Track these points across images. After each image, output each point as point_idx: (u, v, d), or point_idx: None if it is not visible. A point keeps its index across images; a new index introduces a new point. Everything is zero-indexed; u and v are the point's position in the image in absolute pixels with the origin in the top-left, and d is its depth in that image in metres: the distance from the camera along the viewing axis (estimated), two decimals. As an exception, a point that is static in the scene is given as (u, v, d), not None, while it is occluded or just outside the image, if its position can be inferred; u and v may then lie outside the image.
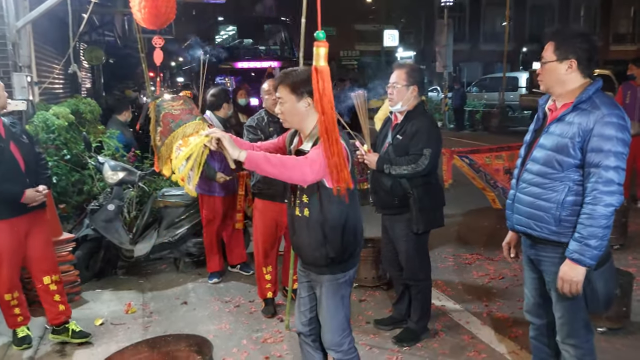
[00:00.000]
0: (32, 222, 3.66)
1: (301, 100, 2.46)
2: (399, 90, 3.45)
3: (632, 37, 35.51)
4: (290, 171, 2.30)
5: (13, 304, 3.69)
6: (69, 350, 3.75)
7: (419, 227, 3.47)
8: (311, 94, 2.42)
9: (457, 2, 27.53)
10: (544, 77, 2.47)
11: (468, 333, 3.78)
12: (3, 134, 3.53)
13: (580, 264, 2.32)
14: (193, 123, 2.33)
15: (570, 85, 2.41)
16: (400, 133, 3.46)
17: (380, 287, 4.59)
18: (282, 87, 2.49)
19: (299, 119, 2.52)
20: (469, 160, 5.56)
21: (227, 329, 3.99)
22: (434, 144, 3.40)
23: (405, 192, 3.44)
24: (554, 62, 2.40)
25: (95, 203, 4.95)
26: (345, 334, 2.66)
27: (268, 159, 2.27)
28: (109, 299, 4.61)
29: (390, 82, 3.50)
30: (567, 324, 2.51)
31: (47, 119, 5.06)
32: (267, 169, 2.26)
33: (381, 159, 3.46)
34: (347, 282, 2.64)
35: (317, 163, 2.31)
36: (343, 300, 2.64)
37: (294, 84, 2.46)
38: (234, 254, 5.12)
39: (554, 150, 2.39)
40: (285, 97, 2.49)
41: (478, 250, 5.50)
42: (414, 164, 3.35)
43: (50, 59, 7.47)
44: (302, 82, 2.45)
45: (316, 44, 1.96)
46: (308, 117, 2.51)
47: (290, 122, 2.55)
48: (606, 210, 2.27)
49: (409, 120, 3.44)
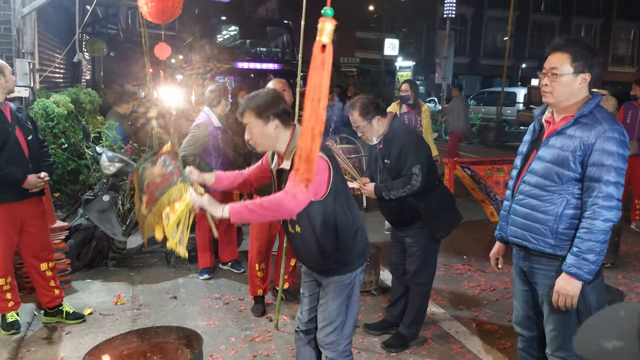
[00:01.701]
0: (30, 209, 3.67)
1: (268, 123, 2.45)
2: (365, 130, 3.49)
3: (631, 59, 35.95)
4: (274, 212, 2.32)
5: (5, 289, 3.69)
6: (57, 337, 3.74)
7: (441, 234, 3.57)
8: (278, 115, 2.46)
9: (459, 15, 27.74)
10: (555, 89, 2.37)
11: (457, 342, 3.79)
12: (9, 118, 3.54)
13: (577, 279, 2.31)
14: (176, 187, 2.38)
15: (576, 99, 2.39)
16: (386, 157, 3.51)
17: (370, 292, 4.60)
18: (247, 114, 2.47)
19: (269, 142, 2.51)
20: (470, 171, 5.60)
21: (215, 326, 3.98)
22: (421, 157, 3.43)
23: (412, 206, 3.49)
24: (570, 75, 2.34)
25: (90, 193, 4.94)
26: (344, 335, 2.64)
27: (250, 209, 2.29)
28: (99, 289, 4.59)
29: (354, 126, 3.55)
30: (558, 337, 2.51)
31: (47, 106, 5.05)
32: (252, 218, 2.33)
33: (377, 187, 3.53)
34: (352, 282, 2.63)
35: (298, 194, 2.28)
36: (348, 300, 2.63)
37: (258, 108, 2.45)
38: (226, 252, 5.11)
39: (554, 163, 2.38)
40: (252, 122, 2.47)
41: (470, 262, 5.52)
42: (409, 184, 3.40)
43: (53, 48, 7.46)
44: (266, 105, 2.45)
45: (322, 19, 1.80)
46: (279, 138, 2.50)
47: (261, 145, 2.54)
48: (605, 225, 2.27)
49: (389, 143, 3.48)
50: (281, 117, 2.48)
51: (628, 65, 35.91)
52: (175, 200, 2.33)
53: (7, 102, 3.62)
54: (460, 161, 5.81)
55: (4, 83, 3.52)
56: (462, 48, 33.16)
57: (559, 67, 2.36)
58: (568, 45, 2.36)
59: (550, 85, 2.38)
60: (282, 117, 2.48)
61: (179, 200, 2.32)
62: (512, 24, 18.92)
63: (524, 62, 32.57)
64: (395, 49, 27.13)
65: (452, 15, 18.45)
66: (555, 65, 2.37)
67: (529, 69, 31.50)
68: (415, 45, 32.42)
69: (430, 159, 3.59)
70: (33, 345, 3.63)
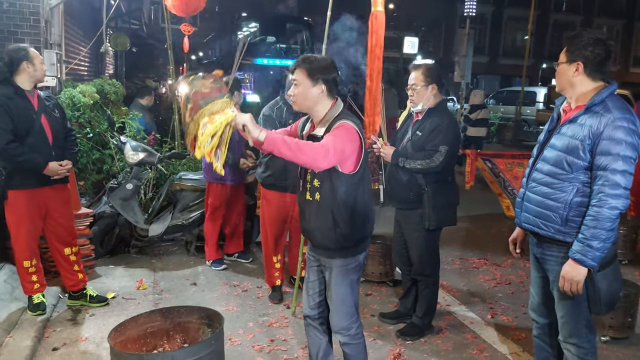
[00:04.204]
0: (54, 195, 3.78)
1: (315, 85, 2.52)
2: (418, 92, 3.49)
3: (653, 61, 35.30)
4: (305, 156, 2.34)
5: (31, 271, 3.81)
6: (81, 319, 3.86)
7: (431, 224, 3.52)
8: (326, 81, 2.51)
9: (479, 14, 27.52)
10: (557, 78, 2.55)
11: (471, 332, 3.83)
12: (36, 106, 3.65)
13: (581, 265, 2.36)
14: (220, 101, 2.38)
15: (580, 87, 2.45)
16: (419, 129, 3.51)
17: (386, 283, 4.66)
18: (299, 70, 2.55)
19: (310, 104, 2.56)
20: (490, 164, 5.62)
21: (234, 311, 4.07)
22: (451, 142, 3.44)
23: (420, 187, 3.50)
24: (564, 64, 2.47)
25: (114, 181, 5.07)
26: (353, 319, 2.71)
27: (285, 141, 2.32)
28: (121, 275, 4.71)
29: (409, 84, 3.53)
30: (568, 323, 2.56)
31: (73, 96, 5.19)
32: (283, 151, 2.31)
33: (397, 152, 3.52)
34: (357, 267, 2.70)
35: (331, 151, 2.36)
36: (352, 285, 2.69)
37: (311, 69, 2.52)
38: (233, 243, 5.16)
39: (564, 151, 2.43)
40: (300, 80, 2.54)
41: (486, 256, 5.54)
42: (429, 159, 3.40)
43: (78, 41, 7.62)
44: (319, 68, 2.52)
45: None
46: (320, 103, 2.56)
47: (300, 105, 2.59)
48: (611, 213, 2.30)
49: (429, 117, 3.50)
50: (329, 84, 2.54)
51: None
52: (217, 112, 2.33)
53: (36, 90, 3.73)
54: (482, 153, 5.83)
55: (32, 72, 3.61)
56: (481, 47, 32.90)
57: (560, 59, 2.51)
58: (567, 37, 2.50)
59: (556, 75, 2.55)
60: (330, 85, 2.54)
61: (219, 113, 2.33)
62: (532, 23, 18.75)
63: (544, 62, 32.21)
64: (414, 48, 27.01)
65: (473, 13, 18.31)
66: (559, 58, 2.52)
67: (549, 69, 31.14)
68: (435, 44, 32.26)
69: (457, 151, 3.60)
70: (58, 326, 3.76)
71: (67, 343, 3.52)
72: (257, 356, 3.43)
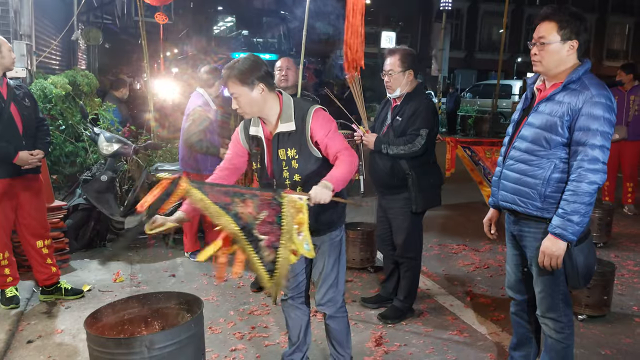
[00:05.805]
0: (25, 186, 3.69)
1: (254, 88, 2.43)
2: (395, 78, 3.48)
3: (625, 53, 36.02)
4: (352, 167, 2.45)
5: (3, 264, 3.73)
6: (56, 312, 3.78)
7: (418, 207, 3.54)
8: (261, 79, 2.43)
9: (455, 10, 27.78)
10: (544, 58, 2.42)
11: (451, 315, 3.85)
12: (5, 94, 3.56)
13: (562, 239, 2.38)
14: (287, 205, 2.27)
15: (563, 66, 2.44)
16: (399, 114, 3.50)
17: (367, 269, 4.66)
18: (231, 83, 2.43)
19: (258, 108, 2.49)
20: (470, 152, 5.67)
21: (214, 301, 4.03)
22: (431, 125, 3.45)
23: (404, 172, 3.50)
24: (557, 43, 2.39)
25: (88, 173, 4.97)
26: (339, 290, 2.77)
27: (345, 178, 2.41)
28: (97, 268, 4.63)
29: (385, 70, 3.50)
30: (546, 298, 2.58)
31: (44, 87, 5.07)
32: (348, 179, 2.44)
33: (379, 139, 3.51)
34: (341, 239, 2.77)
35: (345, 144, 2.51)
36: (340, 257, 2.75)
37: (241, 75, 2.41)
38: (212, 234, 5.10)
39: (543, 128, 2.43)
40: (238, 91, 2.43)
41: (465, 242, 5.58)
42: (410, 143, 3.40)
43: (49, 33, 7.47)
44: (248, 70, 2.42)
45: None
46: (267, 102, 2.49)
47: (250, 113, 2.52)
48: (590, 188, 2.32)
49: (408, 102, 3.49)
50: (265, 80, 2.46)
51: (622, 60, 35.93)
52: (299, 222, 2.26)
53: (5, 78, 3.63)
54: (461, 141, 5.89)
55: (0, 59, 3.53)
56: (457, 42, 33.21)
57: (546, 36, 2.41)
58: (554, 14, 2.40)
59: (539, 55, 2.44)
60: (266, 80, 2.47)
61: (299, 213, 2.26)
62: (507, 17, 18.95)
63: (520, 57, 32.62)
64: (392, 42, 27.16)
65: (449, 8, 18.51)
66: (543, 34, 2.42)
67: (525, 63, 31.55)
68: (412, 39, 32.44)
69: (436, 133, 3.60)
70: (33, 319, 3.67)
71: (43, 335, 3.45)
72: (239, 343, 3.40)
